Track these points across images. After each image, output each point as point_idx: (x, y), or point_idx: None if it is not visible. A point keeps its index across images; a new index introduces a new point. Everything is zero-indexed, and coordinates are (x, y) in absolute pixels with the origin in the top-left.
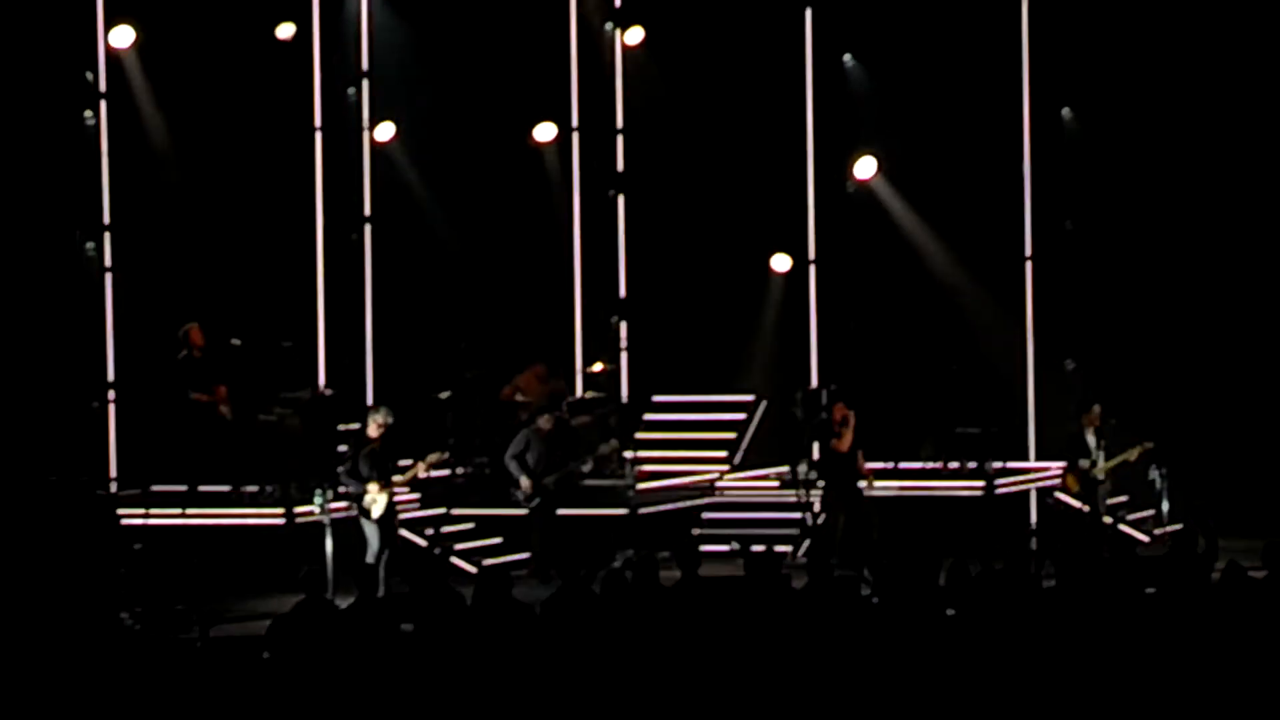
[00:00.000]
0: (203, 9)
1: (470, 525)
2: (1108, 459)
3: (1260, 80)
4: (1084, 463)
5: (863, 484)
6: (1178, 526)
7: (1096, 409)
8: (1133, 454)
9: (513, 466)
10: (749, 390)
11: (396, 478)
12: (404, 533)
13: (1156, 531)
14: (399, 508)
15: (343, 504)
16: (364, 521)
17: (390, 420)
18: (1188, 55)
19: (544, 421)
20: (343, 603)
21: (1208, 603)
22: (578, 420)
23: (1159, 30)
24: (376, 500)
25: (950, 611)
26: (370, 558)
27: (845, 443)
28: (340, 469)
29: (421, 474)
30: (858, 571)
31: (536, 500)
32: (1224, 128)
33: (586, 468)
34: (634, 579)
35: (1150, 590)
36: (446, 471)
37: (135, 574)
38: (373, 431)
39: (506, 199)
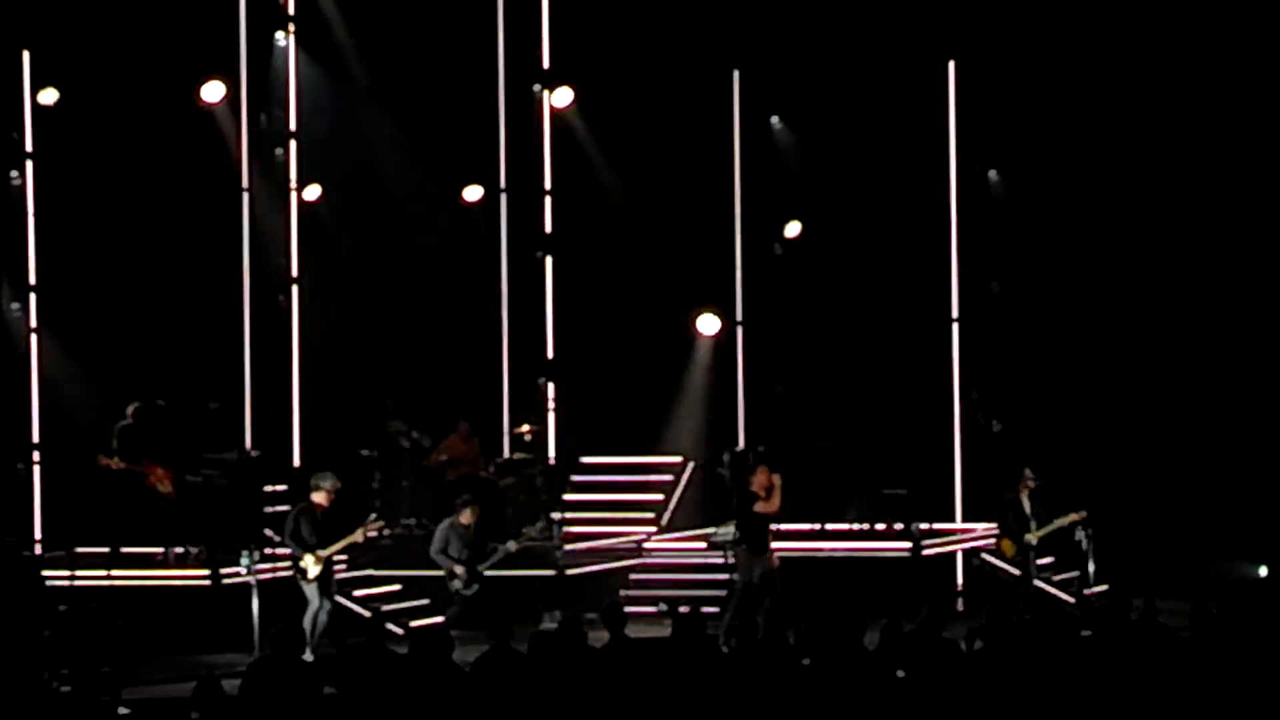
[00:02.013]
0: (129, 69)
1: (398, 586)
2: (1040, 525)
3: (1182, 145)
4: (1029, 537)
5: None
6: (1104, 588)
7: (1028, 472)
8: (1065, 521)
9: (441, 560)
10: (676, 452)
11: (335, 545)
12: (339, 598)
13: (1084, 592)
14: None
15: (269, 565)
16: (302, 582)
17: (338, 485)
18: (1113, 119)
19: (465, 517)
20: None
21: (1135, 662)
22: (504, 482)
23: (1084, 94)
24: (311, 565)
25: (900, 673)
26: (308, 618)
27: (774, 505)
28: (283, 530)
29: (360, 540)
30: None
31: (475, 587)
32: (1147, 191)
33: (514, 548)
34: (561, 640)
35: (1086, 633)
36: (374, 533)
37: (60, 635)
38: (322, 500)
39: (434, 260)
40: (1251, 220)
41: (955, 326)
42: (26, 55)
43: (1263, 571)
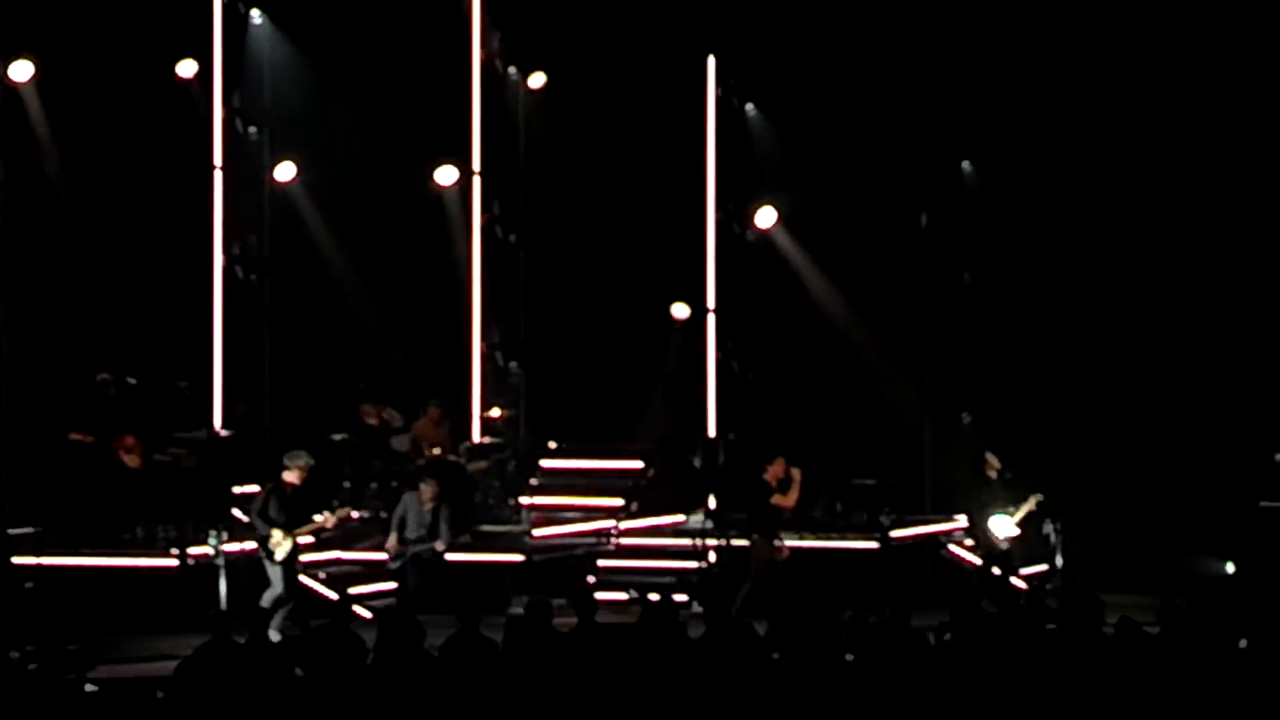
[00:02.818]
0: (103, 45)
1: (359, 569)
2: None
3: (1154, 138)
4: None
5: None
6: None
7: (992, 458)
8: (1031, 504)
9: (394, 523)
10: (646, 438)
11: (303, 527)
12: (304, 579)
13: (1049, 586)
14: (302, 555)
15: (237, 546)
16: (267, 563)
17: (311, 463)
18: (1086, 112)
19: (427, 490)
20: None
21: (1101, 658)
22: (474, 466)
23: (1059, 87)
24: (281, 544)
25: (849, 657)
26: (268, 599)
27: (792, 500)
28: (250, 508)
29: (329, 526)
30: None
31: (399, 562)
32: (1119, 185)
33: (440, 548)
34: (529, 625)
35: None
36: (342, 519)
37: (27, 612)
38: (294, 478)
39: (406, 241)
40: (1222, 215)
41: (926, 317)
42: None
43: (1230, 568)
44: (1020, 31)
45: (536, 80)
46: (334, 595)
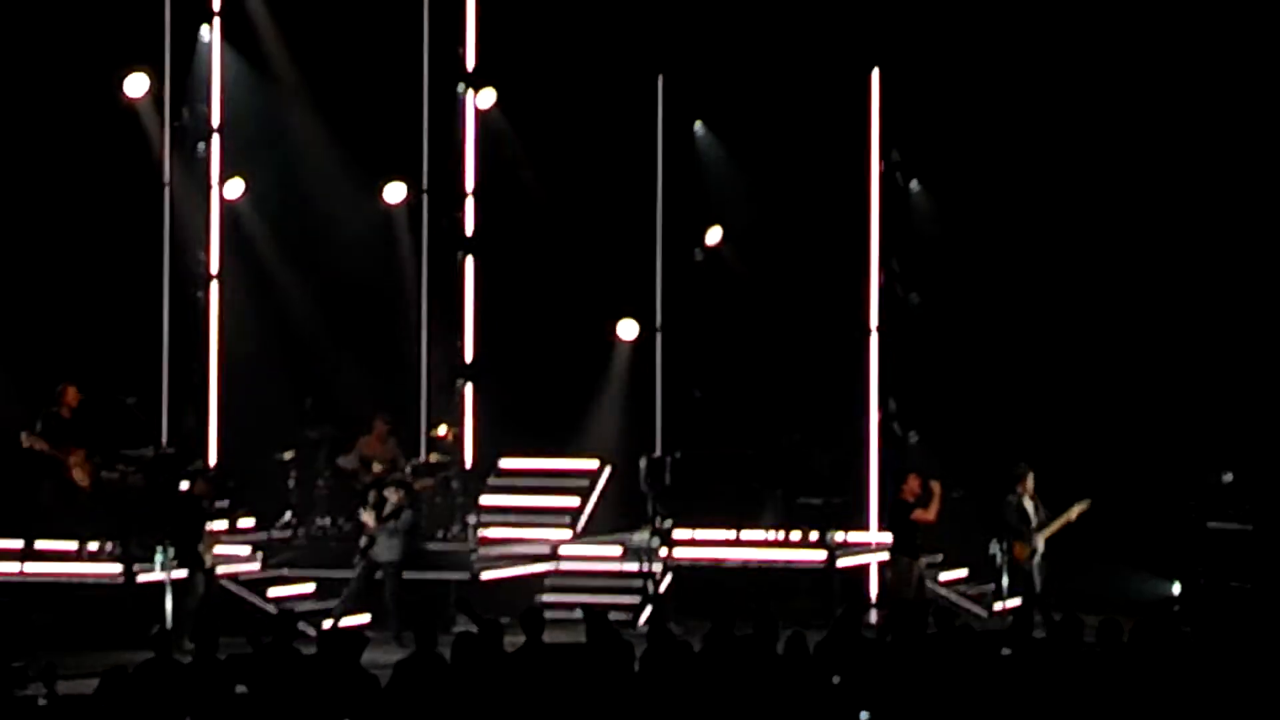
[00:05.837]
0: (51, 61)
1: (312, 587)
2: (1043, 527)
3: (1103, 156)
4: (1036, 540)
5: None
6: (1016, 601)
7: (1030, 475)
8: (1073, 513)
9: (370, 503)
10: (593, 457)
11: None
12: (244, 591)
13: (996, 606)
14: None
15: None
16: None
17: (210, 472)
18: (1035, 132)
19: (391, 494)
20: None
21: (1046, 676)
22: (420, 484)
23: (1007, 106)
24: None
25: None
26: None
27: (933, 514)
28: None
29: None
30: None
31: (367, 541)
32: (1068, 204)
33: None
34: (478, 644)
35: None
36: (289, 533)
37: None
38: (198, 489)
39: (355, 259)
40: (1168, 237)
41: (874, 336)
42: None
43: (1175, 588)
44: (969, 51)
45: (487, 98)
46: (276, 611)
